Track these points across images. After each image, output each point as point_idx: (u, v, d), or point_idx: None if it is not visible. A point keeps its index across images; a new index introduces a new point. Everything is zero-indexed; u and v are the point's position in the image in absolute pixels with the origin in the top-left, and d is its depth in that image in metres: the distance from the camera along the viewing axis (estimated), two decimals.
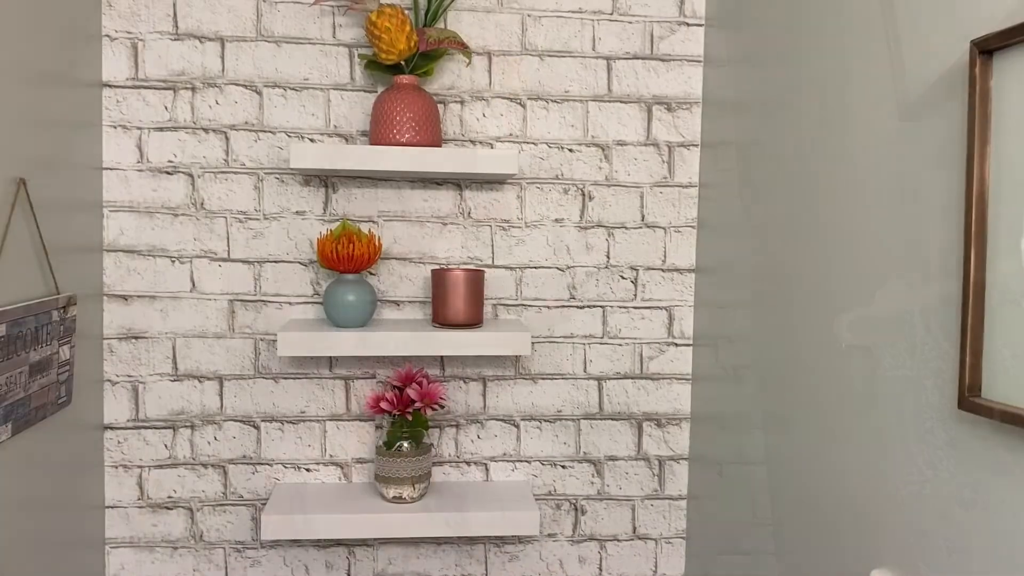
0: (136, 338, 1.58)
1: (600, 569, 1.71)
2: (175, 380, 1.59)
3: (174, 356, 1.59)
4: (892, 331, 1.00)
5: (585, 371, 1.69)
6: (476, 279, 1.51)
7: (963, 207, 0.87)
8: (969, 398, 0.82)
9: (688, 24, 1.66)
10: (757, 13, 1.41)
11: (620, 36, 1.64)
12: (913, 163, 0.97)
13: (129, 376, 1.58)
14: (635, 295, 1.68)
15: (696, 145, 1.67)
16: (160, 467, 1.60)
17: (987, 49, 0.80)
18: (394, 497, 1.53)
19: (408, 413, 1.53)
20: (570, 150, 1.65)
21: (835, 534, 1.13)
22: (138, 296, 1.58)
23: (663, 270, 1.68)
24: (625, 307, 1.68)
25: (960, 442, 0.87)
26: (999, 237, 0.81)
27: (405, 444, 1.54)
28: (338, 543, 1.64)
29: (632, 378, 1.69)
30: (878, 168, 1.04)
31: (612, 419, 1.70)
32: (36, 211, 1.28)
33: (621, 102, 1.65)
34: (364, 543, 1.65)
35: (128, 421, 1.59)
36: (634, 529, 1.71)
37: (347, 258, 1.48)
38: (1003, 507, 0.81)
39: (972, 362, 0.82)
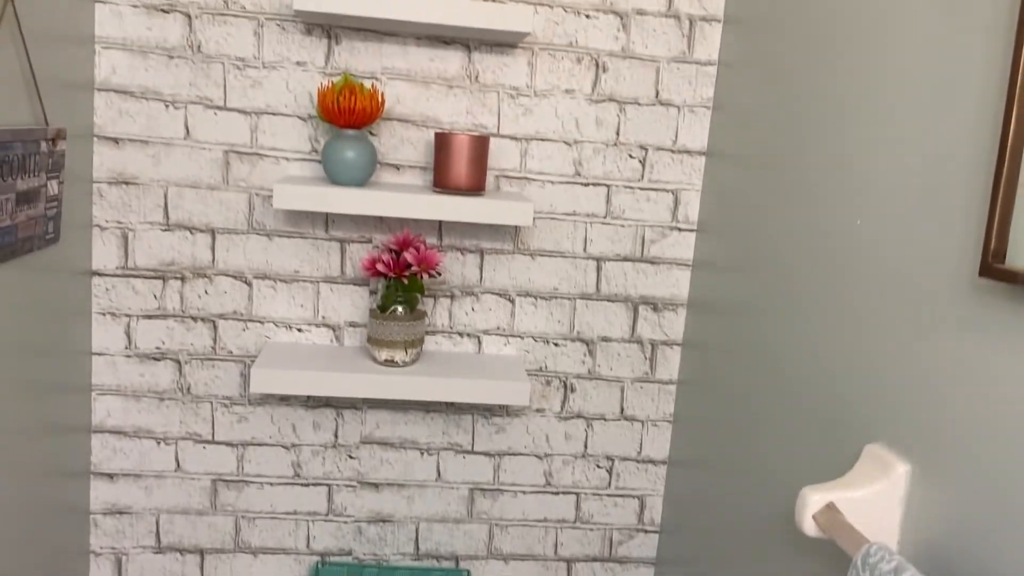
0: (127, 183, 1.53)
1: (585, 446, 1.72)
2: (166, 230, 1.55)
3: (165, 205, 1.55)
4: (913, 202, 0.97)
5: (585, 251, 1.66)
6: (481, 145, 1.46)
7: (1009, 63, 0.83)
8: (993, 264, 0.80)
9: None
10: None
11: None
12: (955, 22, 0.91)
13: (119, 223, 1.54)
14: (642, 175, 1.64)
15: (719, 20, 1.60)
16: (149, 317, 1.58)
17: None
18: (386, 360, 1.52)
19: (404, 277, 1.50)
20: (587, 16, 1.57)
21: (831, 411, 1.12)
22: (129, 140, 1.52)
23: (673, 151, 1.63)
24: (631, 187, 1.64)
25: (980, 312, 0.85)
26: None
27: (400, 308, 1.52)
28: (327, 404, 1.64)
29: (632, 261, 1.67)
30: (915, 29, 0.99)
31: (608, 300, 1.68)
32: (25, 37, 1.21)
33: None
34: (352, 405, 1.65)
35: (117, 268, 1.55)
36: (622, 410, 1.72)
37: (348, 111, 1.42)
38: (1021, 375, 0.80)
39: (1000, 227, 0.79)
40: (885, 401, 1.00)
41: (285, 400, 1.63)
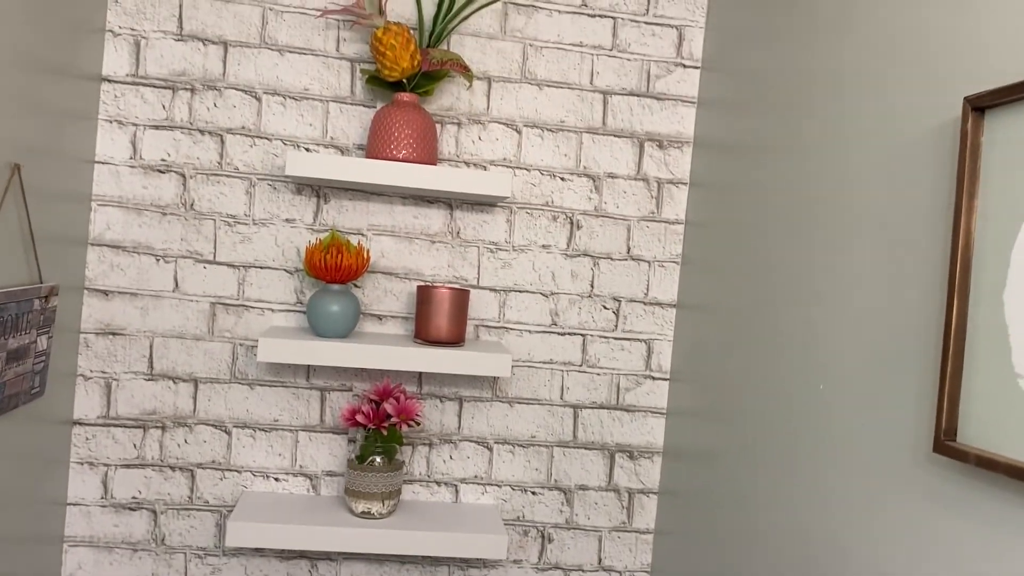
0: (114, 334, 1.56)
1: None
2: (149, 379, 1.58)
3: (151, 355, 1.58)
4: (871, 374, 1.03)
5: (562, 398, 1.69)
6: (461, 298, 1.52)
7: (948, 257, 0.90)
8: (945, 442, 0.84)
9: (685, 66, 1.70)
10: (752, 60, 1.45)
11: (618, 72, 1.68)
12: (901, 212, 1.00)
13: (103, 372, 1.56)
14: (616, 325, 1.70)
15: (685, 183, 1.70)
16: (127, 467, 1.57)
17: (980, 106, 0.84)
18: (363, 512, 1.52)
19: (383, 428, 1.52)
20: (562, 179, 1.67)
21: (803, 566, 1.14)
22: (119, 292, 1.56)
23: (645, 303, 1.70)
24: (605, 337, 1.70)
25: (934, 485, 0.89)
26: (981, 287, 0.83)
27: (378, 459, 1.53)
28: (302, 555, 1.62)
29: (608, 408, 1.70)
30: (866, 214, 1.07)
31: (585, 448, 1.70)
32: (27, 198, 1.27)
33: (615, 136, 1.68)
34: (328, 557, 1.63)
35: (98, 417, 1.56)
36: (599, 560, 1.71)
37: (334, 268, 1.48)
38: (976, 551, 0.83)
39: (949, 406, 0.85)
40: (854, 561, 1.02)
41: (259, 551, 1.61)
